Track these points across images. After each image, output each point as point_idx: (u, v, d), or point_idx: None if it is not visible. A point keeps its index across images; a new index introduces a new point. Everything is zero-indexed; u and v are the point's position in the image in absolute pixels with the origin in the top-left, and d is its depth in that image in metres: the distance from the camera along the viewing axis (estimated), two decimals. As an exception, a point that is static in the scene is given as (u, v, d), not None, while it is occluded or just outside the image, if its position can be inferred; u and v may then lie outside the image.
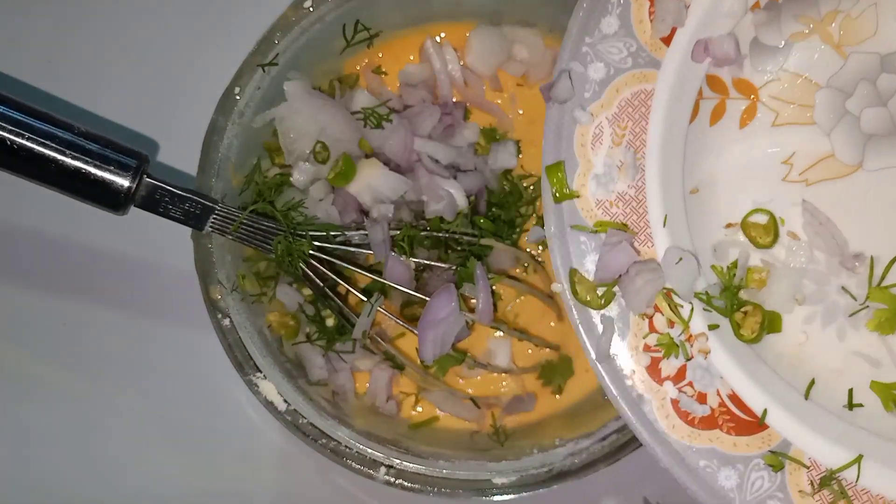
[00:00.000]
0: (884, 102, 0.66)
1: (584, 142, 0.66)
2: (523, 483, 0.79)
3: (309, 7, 0.82)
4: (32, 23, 0.95)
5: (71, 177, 0.74)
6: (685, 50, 0.66)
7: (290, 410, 0.79)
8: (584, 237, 0.66)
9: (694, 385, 0.65)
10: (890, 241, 0.66)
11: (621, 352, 0.65)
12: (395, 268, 0.81)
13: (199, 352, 0.87)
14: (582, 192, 0.66)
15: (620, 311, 0.66)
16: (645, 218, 0.66)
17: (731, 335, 0.66)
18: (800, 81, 0.67)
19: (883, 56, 0.66)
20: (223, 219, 0.78)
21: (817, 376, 0.66)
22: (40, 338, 0.92)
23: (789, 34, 0.67)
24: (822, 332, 0.67)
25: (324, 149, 0.84)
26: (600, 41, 0.66)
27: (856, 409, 0.65)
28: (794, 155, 0.67)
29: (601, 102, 0.66)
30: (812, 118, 0.67)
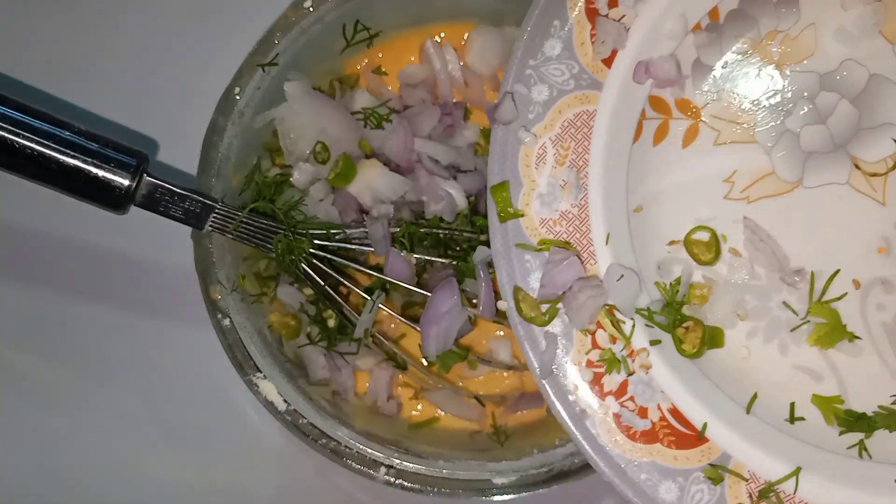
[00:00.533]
0: (823, 120, 0.67)
1: (529, 162, 0.67)
2: (523, 483, 0.79)
3: (309, 7, 0.82)
4: (32, 23, 0.95)
5: (71, 176, 0.74)
6: (626, 71, 0.68)
7: (290, 410, 0.79)
8: (529, 255, 0.67)
9: (635, 399, 0.66)
10: (829, 256, 0.67)
11: (564, 367, 0.66)
12: (395, 264, 0.80)
13: (199, 352, 0.87)
14: (526, 210, 0.67)
15: (564, 327, 0.67)
16: (588, 236, 0.68)
17: (672, 351, 0.67)
18: (741, 101, 0.68)
19: (822, 75, 0.67)
20: (223, 218, 0.78)
21: (760, 390, 0.67)
22: (40, 338, 0.92)
23: (731, 53, 0.69)
24: (765, 346, 0.68)
25: (324, 149, 0.84)
26: (543, 63, 0.67)
27: (798, 422, 0.67)
28: (735, 173, 0.68)
29: (545, 123, 0.67)
30: (753, 137, 0.68)
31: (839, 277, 0.67)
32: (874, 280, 0.67)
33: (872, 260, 0.67)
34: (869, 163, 0.67)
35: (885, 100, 0.67)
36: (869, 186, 0.67)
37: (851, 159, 0.67)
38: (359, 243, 0.82)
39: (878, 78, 0.67)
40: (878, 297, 0.67)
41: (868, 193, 0.67)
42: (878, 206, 0.67)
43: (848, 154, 0.67)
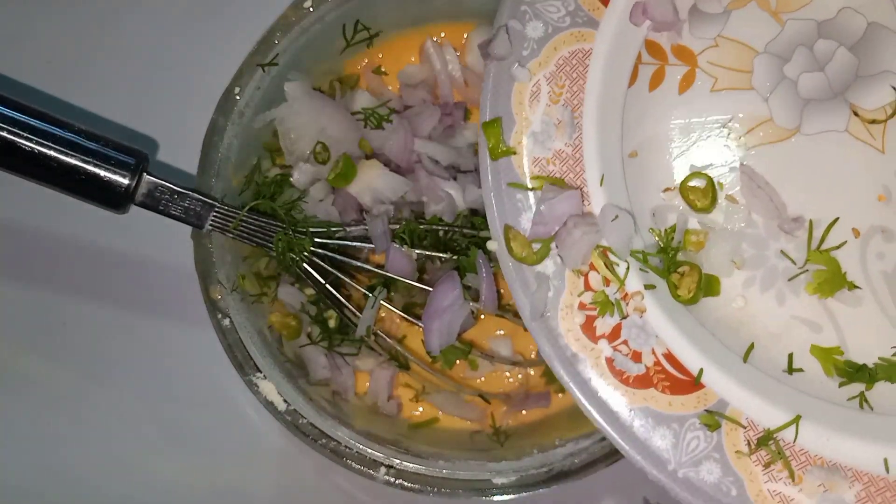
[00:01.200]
0: (821, 67, 0.66)
1: (522, 99, 0.66)
2: (523, 483, 0.79)
3: (309, 7, 0.82)
4: (32, 23, 0.95)
5: (71, 175, 0.74)
6: (623, 11, 0.67)
7: (290, 410, 0.79)
8: (520, 194, 0.66)
9: (629, 343, 0.65)
10: (828, 204, 0.66)
11: (556, 309, 0.65)
12: (396, 259, 0.80)
13: (199, 352, 0.87)
14: (518, 149, 0.66)
15: (556, 268, 0.65)
16: (582, 176, 0.66)
17: (667, 295, 0.66)
18: (738, 48, 0.68)
19: (819, 22, 0.67)
20: (224, 216, 0.78)
21: (757, 340, 0.66)
22: (40, 338, 0.92)
23: (728, 1, 0.68)
24: (762, 296, 0.66)
25: (324, 149, 0.84)
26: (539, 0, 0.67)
27: (796, 373, 0.66)
28: (732, 119, 0.67)
29: (539, 60, 0.66)
30: (750, 83, 0.67)
31: (838, 226, 0.66)
32: (874, 228, 0.66)
33: (872, 208, 0.66)
34: (868, 110, 0.66)
35: (883, 47, 0.66)
36: (868, 134, 0.66)
37: (850, 107, 0.66)
38: (359, 240, 0.82)
39: (876, 26, 0.66)
40: (877, 246, 0.66)
41: (867, 141, 0.66)
42: (878, 153, 0.66)
43: (846, 101, 0.66)
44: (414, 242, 0.81)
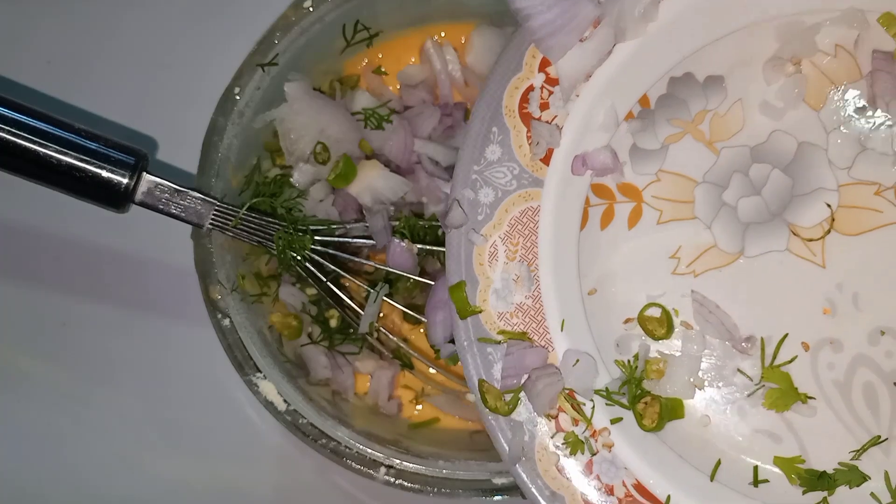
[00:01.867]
0: (757, 191, 0.69)
1: (482, 260, 0.71)
2: (523, 483, 0.79)
3: (309, 7, 0.82)
4: (32, 23, 0.95)
5: (70, 175, 0.74)
6: (564, 166, 0.71)
7: (290, 410, 0.79)
8: (490, 348, 0.70)
9: (601, 478, 0.69)
10: (777, 321, 0.69)
11: (532, 452, 0.69)
12: (397, 253, 0.80)
13: (199, 352, 0.87)
14: (484, 306, 0.70)
15: (528, 414, 0.69)
16: (544, 325, 0.70)
17: (633, 426, 0.69)
18: (678, 180, 0.71)
19: (752, 148, 0.70)
20: (223, 215, 0.78)
21: (723, 456, 0.69)
22: (40, 338, 0.92)
23: (664, 137, 0.71)
24: (724, 413, 0.69)
25: (324, 150, 0.84)
26: (486, 168, 0.71)
27: (762, 485, 0.69)
28: (680, 248, 0.70)
29: (493, 223, 0.71)
30: (693, 213, 0.70)
31: (788, 341, 0.69)
32: (822, 341, 0.69)
33: (818, 322, 0.69)
34: (805, 228, 0.69)
35: (815, 166, 0.69)
36: (808, 251, 0.69)
37: (788, 226, 0.69)
38: (360, 237, 0.81)
39: (807, 145, 0.69)
40: (827, 357, 0.69)
41: (808, 258, 0.69)
42: (819, 269, 0.69)
43: (785, 221, 0.69)
44: (414, 237, 0.81)
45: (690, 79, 0.70)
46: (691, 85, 0.70)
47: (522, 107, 0.71)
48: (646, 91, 0.71)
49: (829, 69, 0.69)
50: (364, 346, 0.86)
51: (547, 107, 0.71)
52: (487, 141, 0.71)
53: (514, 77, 0.71)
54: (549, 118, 0.71)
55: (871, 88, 0.68)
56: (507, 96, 0.71)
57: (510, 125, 0.71)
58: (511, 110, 0.71)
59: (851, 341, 0.69)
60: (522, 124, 0.71)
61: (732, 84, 0.70)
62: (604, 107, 0.71)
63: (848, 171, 0.69)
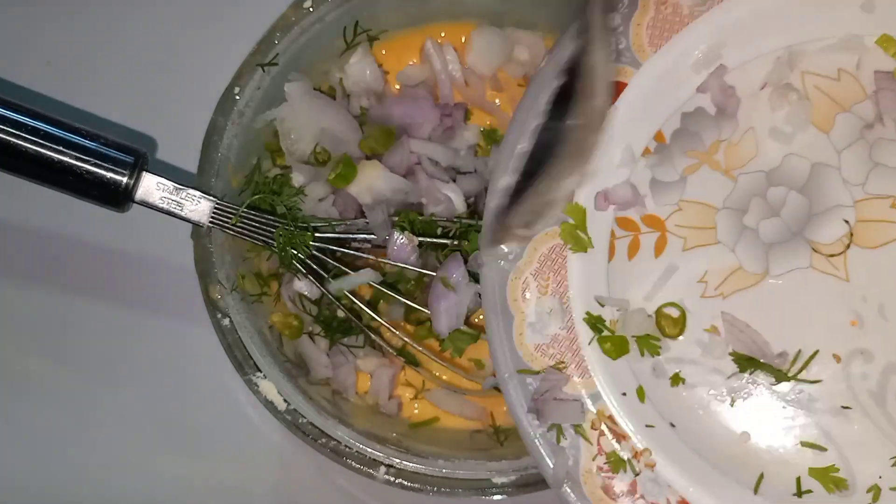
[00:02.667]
0: (777, 213, 0.72)
1: (516, 296, 0.74)
2: (523, 483, 0.79)
3: (309, 7, 0.82)
4: (32, 23, 0.95)
5: (70, 175, 0.74)
6: (588, 203, 0.74)
7: (290, 410, 0.79)
8: (530, 378, 0.73)
9: (646, 497, 0.71)
10: (807, 337, 0.72)
11: (577, 476, 0.72)
12: (398, 245, 0.80)
13: (199, 351, 0.87)
14: (521, 339, 0.74)
15: (570, 440, 0.72)
16: (580, 353, 0.74)
17: (674, 446, 0.72)
18: (700, 208, 0.74)
19: (767, 172, 0.73)
20: (223, 213, 0.78)
21: (765, 469, 0.71)
22: (40, 338, 0.92)
23: (682, 168, 0.74)
24: (764, 428, 0.72)
25: (324, 150, 0.84)
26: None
27: (805, 495, 0.71)
28: (707, 273, 0.73)
29: (524, 261, 0.74)
30: (717, 238, 0.73)
31: (820, 355, 0.71)
32: (853, 352, 0.71)
33: (847, 334, 0.71)
34: (826, 244, 0.72)
35: (829, 184, 0.72)
36: (831, 266, 0.72)
37: (809, 244, 0.72)
38: (360, 233, 0.81)
39: (820, 166, 0.72)
40: (859, 368, 0.71)
41: (831, 273, 0.72)
42: (843, 282, 0.71)
43: (805, 240, 0.72)
44: (414, 232, 0.81)
45: (702, 112, 0.73)
46: (703, 118, 0.73)
47: None
48: (660, 127, 0.74)
49: (834, 92, 0.72)
50: (366, 343, 0.86)
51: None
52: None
53: (535, 123, 0.74)
54: None
55: (877, 107, 0.71)
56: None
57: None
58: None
59: (881, 351, 0.70)
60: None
61: (742, 114, 0.73)
62: (620, 146, 0.74)
63: (862, 187, 0.71)
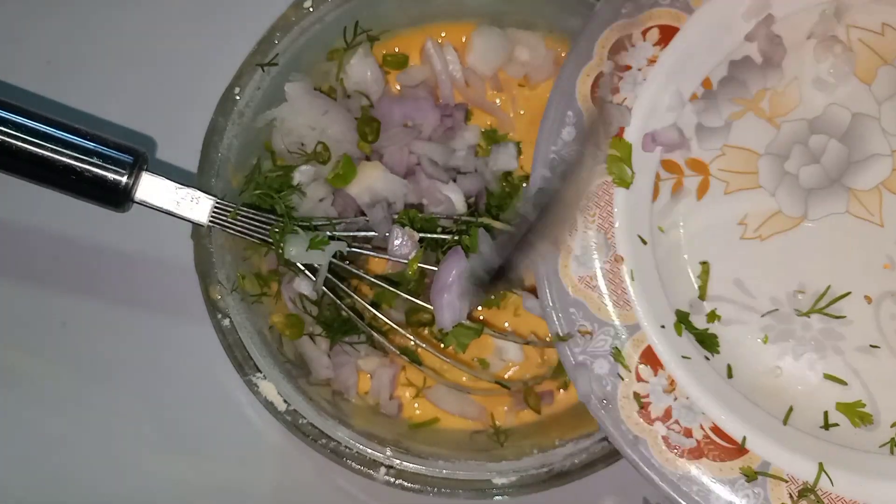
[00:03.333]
0: (817, 160, 0.76)
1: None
2: (523, 483, 0.79)
3: (309, 7, 0.82)
4: (32, 23, 0.95)
5: (70, 175, 0.74)
6: (636, 143, 0.77)
7: (290, 410, 0.79)
8: (573, 308, 0.76)
9: (680, 422, 0.75)
10: (841, 278, 0.76)
11: (615, 400, 0.75)
12: (399, 240, 0.80)
13: (199, 352, 0.87)
14: (565, 272, 0.76)
15: (610, 367, 0.76)
16: (622, 286, 0.76)
17: (707, 377, 0.76)
18: (743, 153, 0.77)
19: (810, 121, 0.77)
20: (223, 212, 0.78)
21: (794, 403, 0.75)
22: (40, 338, 0.92)
23: (727, 115, 0.77)
24: (795, 363, 0.76)
25: (324, 150, 0.84)
26: (563, 148, 0.77)
27: (832, 428, 0.75)
28: (747, 216, 0.77)
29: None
30: (758, 183, 0.77)
31: (852, 296, 0.75)
32: (884, 294, 0.75)
33: (880, 276, 0.75)
34: (863, 191, 0.76)
35: (868, 134, 0.76)
36: (866, 211, 0.76)
37: (847, 190, 0.76)
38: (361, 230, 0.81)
39: (860, 116, 0.76)
40: (889, 309, 0.75)
41: (867, 218, 0.76)
42: (878, 228, 0.75)
43: (843, 186, 0.76)
44: (415, 229, 0.81)
45: (749, 61, 0.77)
46: (750, 67, 0.77)
47: (594, 91, 0.77)
48: (708, 74, 0.78)
49: (877, 45, 0.76)
50: (368, 343, 0.86)
51: (617, 91, 0.77)
52: (563, 124, 0.77)
53: (585, 65, 0.77)
54: (619, 101, 0.77)
55: None
56: (580, 83, 0.77)
57: (583, 109, 0.77)
58: (584, 95, 0.77)
59: None
60: (595, 107, 0.77)
61: (788, 63, 0.77)
62: (670, 90, 0.77)
63: None
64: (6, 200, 0.92)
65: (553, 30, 0.88)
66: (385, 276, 0.84)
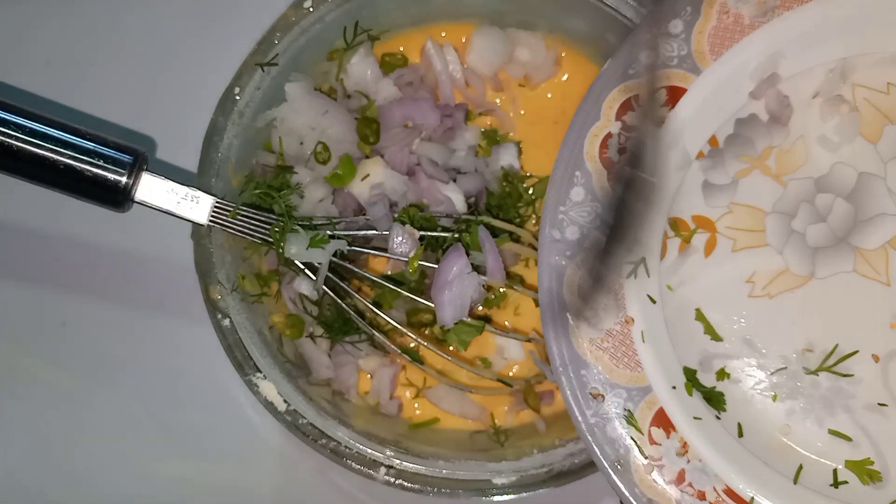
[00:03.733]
0: (824, 219, 0.76)
1: (573, 291, 0.77)
2: (523, 483, 0.79)
3: (309, 7, 0.82)
4: (32, 24, 0.95)
5: (70, 176, 0.74)
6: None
7: (290, 410, 0.79)
8: (584, 370, 0.76)
9: (693, 485, 0.75)
10: (848, 337, 0.76)
11: (629, 463, 0.75)
12: (399, 237, 0.80)
13: (199, 352, 0.87)
14: (576, 333, 0.76)
15: (622, 430, 0.75)
16: (632, 347, 0.76)
17: (719, 437, 0.75)
18: (750, 211, 0.78)
19: (816, 179, 0.76)
20: (223, 212, 0.78)
21: (804, 461, 0.75)
22: (40, 338, 0.92)
23: (734, 172, 0.77)
24: (804, 422, 0.76)
25: (324, 149, 0.84)
26: (572, 208, 0.77)
27: (842, 486, 0.75)
28: (754, 273, 0.77)
29: (580, 259, 0.77)
30: (765, 240, 0.77)
31: (860, 354, 0.75)
32: (891, 352, 0.75)
33: (887, 335, 0.75)
34: (870, 250, 0.76)
35: (875, 193, 0.76)
36: (873, 270, 0.76)
37: (854, 249, 0.76)
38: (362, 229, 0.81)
39: (866, 175, 0.76)
40: None
41: (874, 277, 0.76)
42: (884, 287, 0.75)
43: (850, 245, 0.76)
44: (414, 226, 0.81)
45: (756, 119, 0.77)
46: (756, 125, 0.77)
47: (602, 152, 0.77)
48: (714, 132, 0.77)
49: (883, 105, 0.76)
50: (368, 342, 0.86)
51: (625, 151, 0.77)
52: (571, 184, 0.77)
53: (593, 126, 0.77)
54: (626, 161, 0.77)
55: None
56: (588, 143, 0.77)
57: (592, 169, 0.77)
58: (592, 156, 0.77)
59: None
60: (603, 168, 0.77)
61: (794, 122, 0.77)
62: (677, 148, 0.77)
63: None
64: (6, 200, 0.92)
65: (553, 30, 0.88)
66: (386, 276, 0.84)
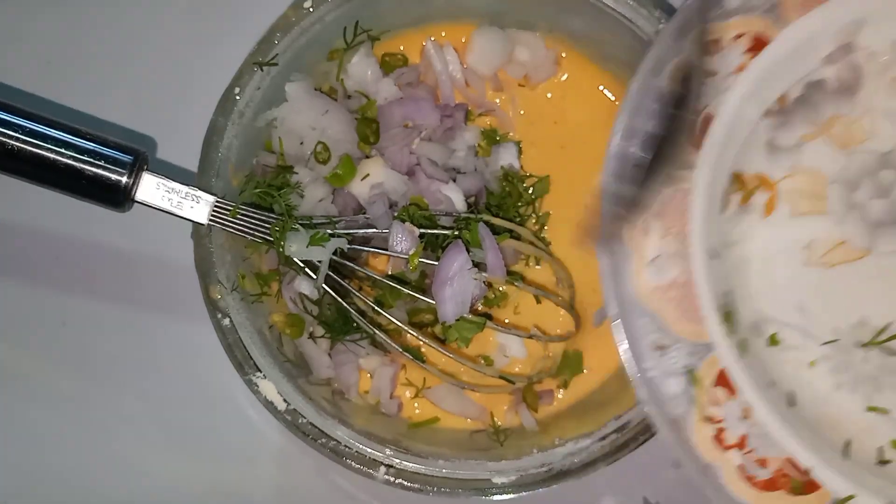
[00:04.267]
0: (886, 195, 0.75)
1: (632, 235, 0.74)
2: (523, 483, 0.79)
3: (309, 7, 0.82)
4: (32, 23, 0.95)
5: (70, 176, 0.74)
6: (712, 153, 0.74)
7: (290, 410, 0.79)
8: (642, 320, 0.73)
9: (756, 452, 0.72)
10: None
11: (687, 423, 0.72)
12: (400, 235, 0.80)
13: (199, 351, 0.87)
14: (638, 279, 0.73)
15: (684, 386, 0.72)
16: (695, 301, 0.73)
17: (773, 407, 0.73)
18: (812, 176, 0.76)
19: (882, 154, 0.75)
20: (223, 211, 0.78)
21: (851, 436, 0.74)
22: (40, 337, 0.92)
23: (800, 135, 0.76)
24: (851, 396, 0.74)
25: (325, 149, 0.84)
26: (647, 121, 0.74)
27: (887, 464, 0.73)
28: (812, 241, 0.76)
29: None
30: (825, 209, 0.75)
31: None
32: None
33: None
34: None
35: None
36: None
37: None
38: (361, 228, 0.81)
39: None
40: None
41: None
42: None
43: None
44: (414, 224, 0.81)
45: (825, 85, 0.75)
46: (824, 90, 0.75)
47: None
48: (785, 91, 0.75)
49: None
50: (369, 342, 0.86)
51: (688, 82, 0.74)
52: (648, 97, 0.74)
53: (673, 59, 0.73)
54: (699, 108, 0.74)
55: None
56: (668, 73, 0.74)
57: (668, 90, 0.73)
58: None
59: None
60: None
61: (864, 94, 0.75)
62: (750, 103, 0.74)
63: None
64: (6, 200, 0.92)
65: (553, 30, 0.88)
66: (387, 275, 0.84)
